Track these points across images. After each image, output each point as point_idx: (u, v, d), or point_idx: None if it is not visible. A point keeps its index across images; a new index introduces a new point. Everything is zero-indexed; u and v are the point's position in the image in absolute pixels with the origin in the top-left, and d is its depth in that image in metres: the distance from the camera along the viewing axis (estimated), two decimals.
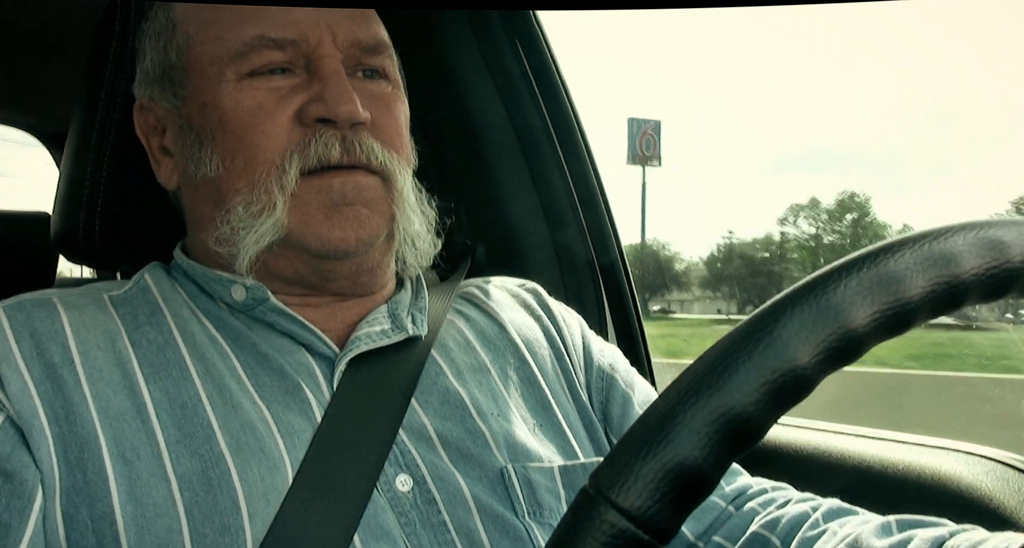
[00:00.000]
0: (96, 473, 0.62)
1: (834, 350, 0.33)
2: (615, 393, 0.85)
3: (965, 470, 0.90)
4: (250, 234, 0.70)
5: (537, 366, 0.82)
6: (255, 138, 0.71)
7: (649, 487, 0.31)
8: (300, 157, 0.70)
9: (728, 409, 0.32)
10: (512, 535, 0.69)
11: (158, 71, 0.77)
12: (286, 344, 0.73)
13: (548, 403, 0.80)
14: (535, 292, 0.92)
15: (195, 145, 0.74)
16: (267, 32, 0.72)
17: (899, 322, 0.33)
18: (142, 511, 0.62)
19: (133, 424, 0.65)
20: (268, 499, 0.63)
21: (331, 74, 0.72)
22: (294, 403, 0.69)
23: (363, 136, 0.72)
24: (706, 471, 0.32)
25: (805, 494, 0.78)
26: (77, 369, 0.66)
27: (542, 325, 0.87)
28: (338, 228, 0.71)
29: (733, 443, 0.32)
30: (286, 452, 0.66)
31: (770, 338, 0.33)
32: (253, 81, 0.72)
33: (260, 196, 0.70)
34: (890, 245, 0.34)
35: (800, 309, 0.33)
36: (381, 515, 0.66)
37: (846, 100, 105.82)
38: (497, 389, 0.78)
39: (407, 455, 0.70)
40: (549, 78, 1.24)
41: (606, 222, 1.27)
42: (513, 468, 0.72)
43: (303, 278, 0.74)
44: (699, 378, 0.33)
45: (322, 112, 0.70)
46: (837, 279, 0.33)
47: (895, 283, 0.33)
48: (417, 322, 0.78)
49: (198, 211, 0.76)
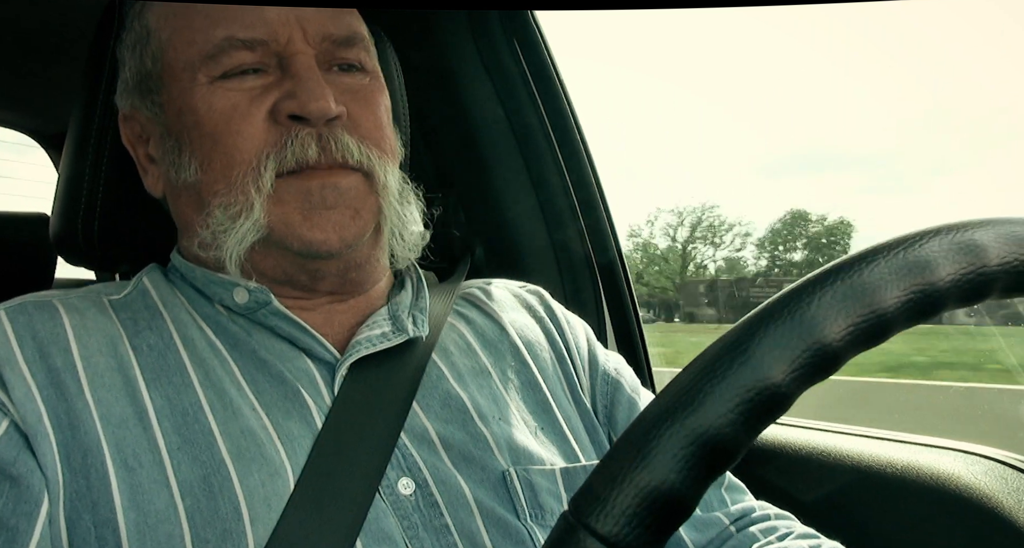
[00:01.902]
0: (99, 479, 0.62)
1: (810, 366, 0.32)
2: (621, 397, 0.85)
3: (964, 469, 0.90)
4: (231, 236, 0.70)
5: (538, 368, 0.82)
6: (230, 139, 0.70)
7: (627, 513, 0.31)
8: (276, 158, 0.69)
9: (704, 431, 0.32)
10: (515, 538, 0.69)
11: (136, 79, 0.77)
12: (286, 349, 0.73)
13: (549, 406, 0.80)
14: (538, 294, 0.92)
15: (175, 151, 0.73)
16: (236, 33, 0.71)
17: (875, 333, 0.33)
18: (144, 517, 0.62)
19: (135, 430, 0.65)
20: (270, 505, 0.63)
21: (303, 70, 0.71)
22: (294, 409, 0.69)
23: (339, 133, 0.71)
24: (684, 494, 0.32)
25: (808, 530, 0.78)
26: (79, 374, 0.66)
27: (544, 327, 0.87)
28: (319, 230, 0.70)
29: (710, 465, 0.32)
30: (287, 458, 0.66)
31: (744, 357, 0.32)
32: (226, 83, 0.71)
33: (237, 197, 0.70)
34: (864, 254, 0.34)
35: (774, 325, 0.32)
36: (383, 519, 0.66)
37: (844, 99, 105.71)
38: (498, 392, 0.78)
39: (409, 458, 0.70)
40: (547, 78, 1.24)
41: (605, 223, 1.27)
42: (515, 471, 0.72)
43: (292, 278, 0.74)
44: (674, 400, 0.32)
45: (294, 109, 0.69)
46: (811, 293, 0.33)
47: (869, 294, 0.33)
48: (418, 323, 0.77)
49: (183, 216, 0.76)
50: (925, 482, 0.92)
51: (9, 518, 0.60)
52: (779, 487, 1.01)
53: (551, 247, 1.26)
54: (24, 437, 0.63)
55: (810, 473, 1.02)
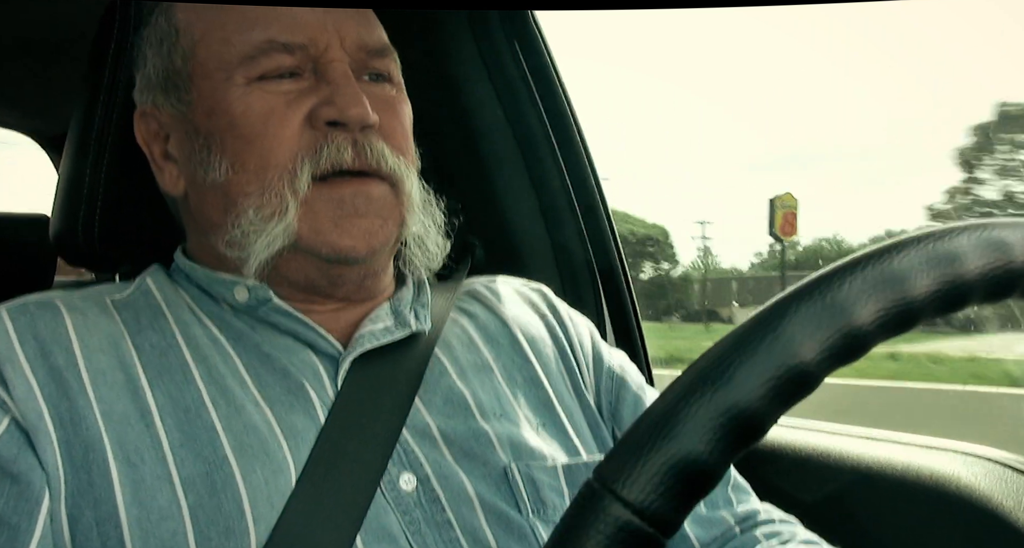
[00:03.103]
0: (101, 476, 0.62)
1: (838, 348, 0.33)
2: (626, 394, 0.85)
3: (964, 470, 0.91)
4: (261, 238, 0.70)
5: (541, 364, 0.82)
6: (266, 142, 0.70)
7: (654, 480, 0.32)
8: (312, 161, 0.70)
9: (733, 404, 0.32)
10: (516, 533, 0.69)
11: (161, 76, 0.77)
12: (290, 343, 0.73)
13: (551, 402, 0.80)
14: (540, 291, 0.92)
15: (203, 150, 0.73)
16: (276, 36, 0.72)
17: (903, 320, 0.34)
18: (146, 514, 0.62)
19: (137, 427, 0.65)
20: (272, 502, 0.63)
21: (340, 77, 0.72)
22: (298, 403, 0.69)
23: (373, 139, 0.72)
24: (710, 466, 0.32)
25: (811, 536, 0.78)
26: (81, 372, 0.66)
27: (547, 323, 0.87)
28: (348, 237, 0.71)
29: (737, 439, 0.32)
30: (290, 454, 0.66)
31: (774, 335, 0.33)
32: (263, 85, 0.72)
33: (271, 199, 0.70)
34: (895, 244, 0.34)
35: (805, 306, 0.33)
36: (385, 515, 0.66)
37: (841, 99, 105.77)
38: (500, 388, 0.78)
39: (411, 454, 0.70)
40: (548, 79, 1.24)
41: (605, 224, 1.27)
42: (516, 467, 0.72)
43: (312, 283, 0.74)
44: (703, 374, 0.33)
45: (333, 115, 0.70)
46: (842, 277, 0.33)
47: (900, 282, 0.33)
48: (420, 317, 0.78)
49: (206, 216, 0.76)
50: (925, 483, 0.92)
51: (11, 516, 0.60)
52: (781, 488, 1.01)
53: (551, 248, 1.25)
54: (25, 434, 0.63)
55: (811, 474, 1.02)
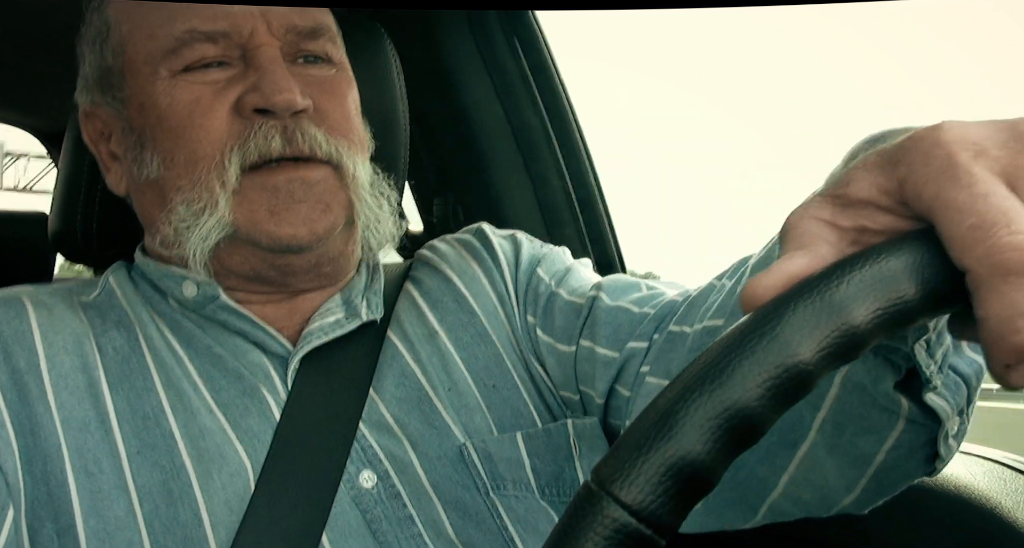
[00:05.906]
0: (59, 487, 0.62)
1: (837, 347, 0.33)
2: (556, 302, 0.78)
3: (963, 470, 0.90)
4: (194, 232, 0.68)
5: (485, 316, 0.78)
6: (193, 134, 0.68)
7: (652, 482, 0.31)
8: (240, 151, 0.67)
9: (731, 404, 0.32)
10: (475, 518, 0.68)
11: (97, 75, 0.75)
12: (240, 344, 0.71)
13: (501, 358, 0.76)
14: (479, 232, 0.85)
15: (137, 147, 0.72)
16: (198, 26, 0.69)
17: (901, 320, 0.33)
18: (103, 525, 0.61)
19: (96, 435, 0.64)
20: (231, 507, 0.63)
21: (267, 62, 0.68)
22: (252, 406, 0.68)
23: (305, 125, 0.69)
24: (709, 466, 0.32)
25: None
26: (43, 376, 0.65)
27: (484, 268, 0.82)
28: (288, 225, 0.68)
29: (736, 439, 0.32)
30: (247, 457, 0.65)
31: (772, 334, 0.32)
32: (188, 76, 0.69)
33: (201, 193, 0.68)
34: (893, 242, 0.34)
35: (802, 306, 0.33)
36: (347, 513, 0.65)
37: (841, 99, 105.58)
38: (449, 355, 0.75)
39: (368, 450, 0.69)
40: (547, 78, 1.24)
41: (604, 222, 1.27)
42: (471, 444, 0.71)
43: (260, 274, 0.72)
44: (701, 373, 0.32)
45: (259, 102, 0.67)
46: (840, 276, 0.33)
47: (897, 281, 0.33)
48: (372, 305, 0.76)
49: (146, 214, 0.75)
50: (924, 482, 0.92)
51: None
52: None
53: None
54: None
55: None
